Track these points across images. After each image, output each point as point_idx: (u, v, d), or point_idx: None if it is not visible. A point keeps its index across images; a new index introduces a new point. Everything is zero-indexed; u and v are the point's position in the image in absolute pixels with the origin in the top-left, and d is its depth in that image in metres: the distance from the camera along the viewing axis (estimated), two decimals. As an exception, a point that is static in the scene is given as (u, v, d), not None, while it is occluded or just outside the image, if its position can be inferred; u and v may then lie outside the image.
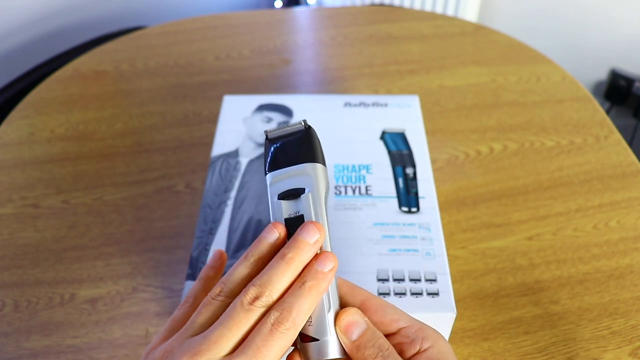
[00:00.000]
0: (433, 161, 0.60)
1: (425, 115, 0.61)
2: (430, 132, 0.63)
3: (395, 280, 0.38)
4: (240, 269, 0.27)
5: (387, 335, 0.28)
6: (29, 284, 0.49)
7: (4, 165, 0.61)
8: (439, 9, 1.31)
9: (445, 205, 0.55)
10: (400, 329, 0.28)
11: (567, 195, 0.56)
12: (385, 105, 0.52)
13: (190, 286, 0.38)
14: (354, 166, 0.46)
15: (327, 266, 0.27)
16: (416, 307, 0.37)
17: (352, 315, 0.28)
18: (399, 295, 0.38)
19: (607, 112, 1.36)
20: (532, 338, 0.44)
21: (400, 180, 0.45)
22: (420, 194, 0.44)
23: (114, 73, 0.76)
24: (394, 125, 0.50)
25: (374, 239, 0.41)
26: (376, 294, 0.37)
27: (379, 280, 0.39)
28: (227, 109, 0.53)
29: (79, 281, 0.49)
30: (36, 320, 0.46)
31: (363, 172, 0.46)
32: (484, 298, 0.47)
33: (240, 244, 0.41)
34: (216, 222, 0.43)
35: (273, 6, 1.37)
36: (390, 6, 0.94)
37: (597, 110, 0.67)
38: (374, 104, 0.52)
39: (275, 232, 0.28)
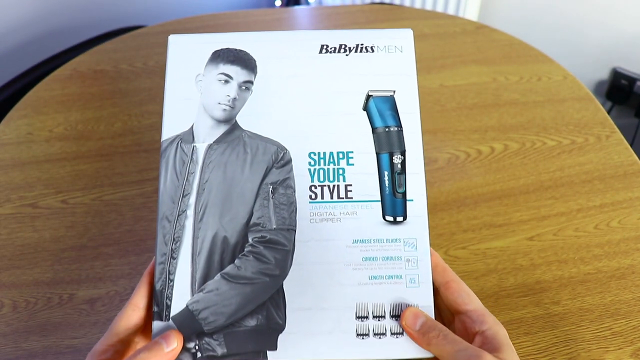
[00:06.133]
0: (434, 161, 0.59)
1: (425, 114, 0.61)
2: (431, 132, 0.63)
3: (375, 317, 0.35)
4: None
5: (457, 313, 0.36)
6: (28, 284, 0.49)
7: (3, 165, 0.61)
8: (439, 8, 1.31)
9: (445, 206, 0.54)
10: (468, 310, 0.35)
11: (568, 195, 0.56)
12: (372, 50, 0.41)
13: (158, 327, 0.34)
14: (331, 154, 0.38)
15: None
16: (395, 349, 0.34)
17: (414, 311, 0.35)
18: (378, 336, 0.35)
19: (609, 111, 1.36)
20: (532, 339, 0.43)
21: (386, 175, 0.38)
22: (408, 194, 0.38)
23: (112, 72, 0.75)
24: (381, 82, 0.40)
25: (353, 263, 0.36)
26: (354, 334, 0.35)
27: (357, 317, 0.35)
28: (174, 59, 0.40)
29: (78, 281, 0.49)
30: (35, 321, 0.46)
31: (342, 163, 0.38)
32: (485, 298, 0.46)
33: (206, 273, 0.35)
34: (177, 240, 0.36)
35: (273, 5, 1.37)
36: (391, 5, 0.94)
37: (599, 110, 0.67)
38: (357, 48, 0.41)
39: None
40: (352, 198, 0.37)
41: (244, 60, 0.40)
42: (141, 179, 0.59)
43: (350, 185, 0.38)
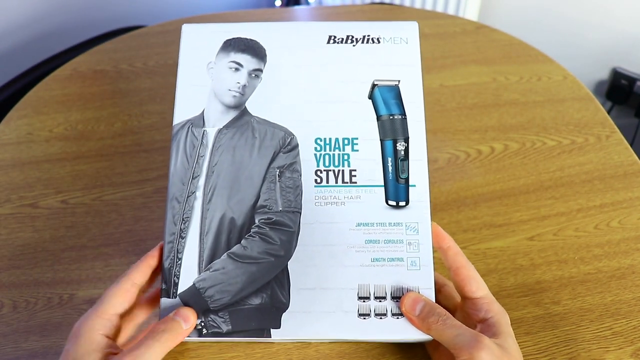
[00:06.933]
0: (434, 161, 0.59)
1: (425, 114, 0.61)
2: (431, 132, 0.63)
3: (376, 298, 0.36)
4: None
5: (465, 299, 0.37)
6: (28, 284, 0.49)
7: (2, 165, 0.61)
8: (439, 8, 1.31)
9: (445, 206, 0.54)
10: (475, 298, 0.36)
11: (568, 195, 0.56)
12: (378, 41, 0.42)
13: (166, 304, 0.36)
14: (337, 140, 0.39)
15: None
16: (395, 329, 0.35)
17: (413, 296, 0.35)
18: (379, 317, 0.35)
19: (609, 111, 1.36)
20: (533, 339, 0.43)
21: (390, 161, 0.39)
22: (411, 179, 0.39)
23: (112, 72, 0.75)
24: (387, 72, 0.41)
25: (356, 245, 0.37)
26: (356, 315, 0.36)
27: (359, 298, 0.36)
28: (187, 47, 0.43)
29: (78, 282, 0.49)
30: (35, 321, 0.46)
31: (347, 149, 0.39)
32: (485, 299, 0.46)
33: (213, 252, 0.36)
34: (186, 221, 0.37)
35: (273, 5, 1.37)
36: (391, 5, 0.94)
37: (599, 110, 0.67)
38: (363, 39, 0.42)
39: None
40: (356, 183, 0.39)
41: (254, 49, 0.41)
42: (141, 179, 0.59)
43: (355, 170, 0.39)
